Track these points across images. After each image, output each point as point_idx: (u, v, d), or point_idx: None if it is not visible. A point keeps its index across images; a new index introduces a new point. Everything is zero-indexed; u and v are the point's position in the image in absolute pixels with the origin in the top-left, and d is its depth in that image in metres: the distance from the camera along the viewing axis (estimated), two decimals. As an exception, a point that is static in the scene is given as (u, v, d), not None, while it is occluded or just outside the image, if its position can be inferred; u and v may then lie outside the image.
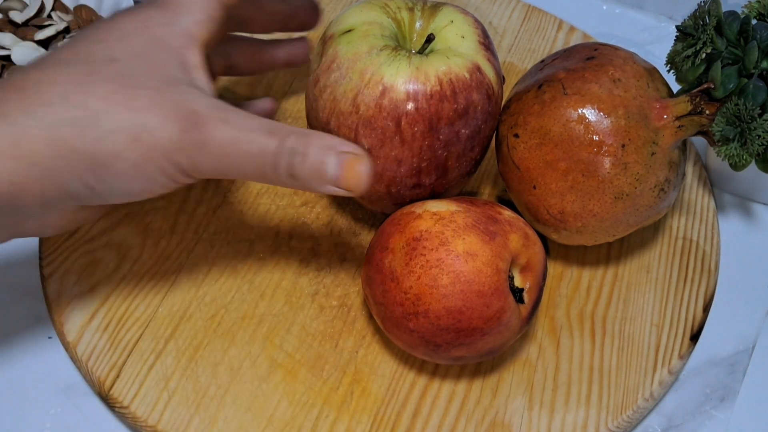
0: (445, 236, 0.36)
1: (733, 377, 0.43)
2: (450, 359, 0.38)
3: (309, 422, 0.39)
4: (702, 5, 0.44)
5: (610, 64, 0.39)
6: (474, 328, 0.36)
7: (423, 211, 0.38)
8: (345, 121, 0.38)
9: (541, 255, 0.38)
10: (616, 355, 0.42)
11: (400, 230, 0.38)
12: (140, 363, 0.40)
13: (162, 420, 0.39)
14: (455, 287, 0.35)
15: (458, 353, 0.37)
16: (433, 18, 0.41)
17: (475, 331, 0.36)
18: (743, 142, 0.43)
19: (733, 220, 0.50)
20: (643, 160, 0.38)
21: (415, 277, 0.36)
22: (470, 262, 0.36)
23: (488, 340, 0.37)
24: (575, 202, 0.39)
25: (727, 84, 0.43)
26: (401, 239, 0.37)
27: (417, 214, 0.38)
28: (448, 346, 0.37)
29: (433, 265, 0.36)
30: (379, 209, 0.43)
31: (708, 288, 0.45)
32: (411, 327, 0.36)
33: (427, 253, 0.36)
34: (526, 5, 0.60)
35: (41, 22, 0.54)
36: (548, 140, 0.39)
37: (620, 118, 0.38)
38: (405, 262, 0.37)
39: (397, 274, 0.37)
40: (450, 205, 0.38)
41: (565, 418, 0.39)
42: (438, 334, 0.36)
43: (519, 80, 0.44)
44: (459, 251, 0.36)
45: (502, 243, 0.36)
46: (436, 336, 0.36)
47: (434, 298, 0.36)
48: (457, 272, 0.35)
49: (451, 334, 0.36)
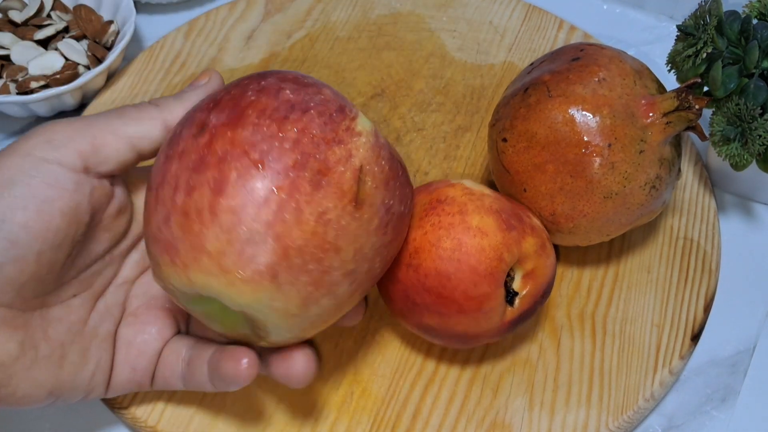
0: (466, 207, 0.37)
1: (734, 377, 0.43)
2: (420, 327, 0.38)
3: (309, 422, 0.39)
4: (703, 5, 0.44)
5: (595, 64, 0.39)
6: (454, 300, 0.36)
7: (457, 183, 0.38)
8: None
9: (549, 270, 0.38)
10: (617, 355, 0.42)
11: (428, 192, 0.38)
12: (140, 363, 0.40)
13: (162, 420, 0.39)
14: (453, 253, 0.35)
15: (430, 321, 0.37)
16: None
17: (454, 304, 0.36)
18: (744, 141, 0.43)
19: (733, 220, 0.50)
20: (631, 159, 0.38)
21: (422, 232, 0.36)
22: (477, 237, 0.36)
23: (462, 321, 0.36)
24: (565, 204, 0.39)
25: (727, 84, 0.43)
26: (425, 198, 0.38)
27: (451, 184, 0.38)
28: (424, 309, 0.37)
29: (442, 226, 0.36)
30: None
31: (709, 288, 0.45)
32: (399, 277, 0.37)
33: (442, 216, 0.36)
34: (526, 5, 0.59)
35: (41, 22, 0.54)
36: (535, 143, 0.39)
37: (605, 117, 0.38)
38: (420, 216, 0.37)
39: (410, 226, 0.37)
40: (485, 189, 0.38)
41: (566, 419, 0.39)
42: (420, 292, 0.36)
43: (509, 84, 0.44)
44: (471, 224, 0.36)
45: (516, 238, 0.36)
46: (417, 294, 0.36)
47: (430, 256, 0.36)
48: (461, 241, 0.36)
49: (431, 296, 0.36)
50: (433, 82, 0.54)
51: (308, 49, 0.56)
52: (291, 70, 0.33)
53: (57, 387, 0.33)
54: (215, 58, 0.56)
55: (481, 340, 0.38)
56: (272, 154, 0.29)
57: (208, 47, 0.56)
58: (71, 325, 0.34)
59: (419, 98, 0.53)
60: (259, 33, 0.58)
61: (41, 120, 0.54)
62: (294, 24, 0.58)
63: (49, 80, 0.51)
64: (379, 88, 0.54)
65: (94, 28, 0.54)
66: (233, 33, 0.57)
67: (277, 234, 0.29)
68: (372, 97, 0.53)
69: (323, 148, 0.30)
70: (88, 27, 0.54)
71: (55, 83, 0.51)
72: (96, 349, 0.35)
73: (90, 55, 0.53)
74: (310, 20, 0.58)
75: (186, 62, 0.55)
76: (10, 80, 0.52)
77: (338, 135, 0.31)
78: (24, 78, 0.51)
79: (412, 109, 0.53)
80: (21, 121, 0.54)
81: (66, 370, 0.34)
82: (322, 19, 0.58)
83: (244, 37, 0.57)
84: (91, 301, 0.35)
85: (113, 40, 0.54)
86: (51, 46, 0.53)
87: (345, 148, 0.30)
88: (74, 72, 0.52)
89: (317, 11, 0.59)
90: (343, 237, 0.30)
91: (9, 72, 0.52)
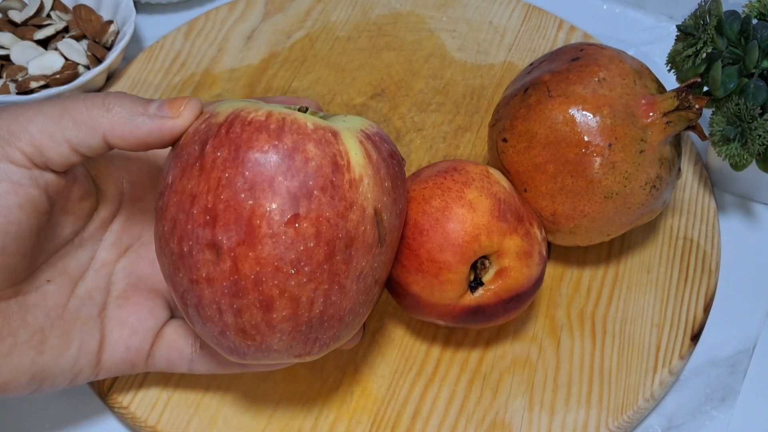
0: (472, 183, 0.37)
1: (733, 377, 0.43)
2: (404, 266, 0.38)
3: (309, 422, 0.39)
4: (702, 5, 0.44)
5: (595, 64, 0.39)
6: (417, 256, 0.36)
7: (483, 166, 0.39)
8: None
9: (523, 279, 0.37)
10: (617, 355, 0.42)
11: (452, 162, 0.39)
12: (140, 363, 0.40)
13: (161, 420, 0.39)
14: (436, 212, 0.36)
15: (394, 270, 0.37)
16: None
17: (416, 259, 0.36)
18: (744, 141, 0.43)
19: (733, 220, 0.50)
20: (632, 158, 0.38)
21: (422, 186, 0.37)
22: (464, 208, 0.36)
23: (419, 281, 0.37)
24: (566, 204, 0.39)
25: (727, 83, 0.43)
26: (447, 165, 0.39)
27: (477, 164, 0.39)
28: (403, 251, 0.37)
29: (441, 188, 0.37)
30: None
31: (709, 288, 0.45)
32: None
33: (447, 179, 0.37)
34: (526, 5, 0.59)
35: (40, 22, 0.54)
36: (535, 143, 0.39)
37: (606, 117, 0.38)
38: (428, 174, 0.38)
39: (417, 176, 0.39)
40: (504, 182, 0.38)
41: (566, 419, 0.39)
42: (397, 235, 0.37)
43: (509, 84, 0.44)
44: (466, 196, 0.37)
45: (502, 230, 0.36)
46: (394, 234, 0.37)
47: (417, 208, 0.37)
48: (448, 204, 0.36)
49: (401, 245, 0.37)
50: (433, 82, 0.54)
51: (308, 49, 0.56)
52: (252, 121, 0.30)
53: (38, 372, 0.33)
54: (215, 58, 0.56)
55: (432, 313, 0.38)
56: (302, 260, 0.30)
57: (207, 47, 0.56)
58: (49, 311, 0.34)
59: (419, 98, 0.53)
60: (259, 33, 0.58)
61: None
62: (294, 24, 0.58)
63: (49, 80, 0.51)
64: (379, 88, 0.54)
65: (93, 28, 0.54)
66: (233, 33, 0.57)
67: (330, 315, 0.31)
68: (372, 97, 0.53)
69: (342, 224, 0.30)
70: (87, 27, 0.54)
71: (54, 83, 0.51)
72: (78, 333, 0.35)
73: (90, 55, 0.53)
74: (310, 20, 0.58)
75: (186, 62, 0.55)
76: (10, 80, 0.52)
77: (346, 198, 0.30)
78: (24, 78, 0.51)
79: (412, 109, 0.53)
80: (21, 121, 0.54)
81: (47, 354, 0.33)
82: (322, 19, 0.58)
83: (244, 37, 0.57)
84: (69, 286, 0.35)
85: (113, 40, 0.54)
86: (51, 46, 0.53)
87: (358, 207, 0.31)
88: (74, 72, 0.52)
89: (317, 11, 0.59)
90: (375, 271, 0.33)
91: (9, 72, 0.52)
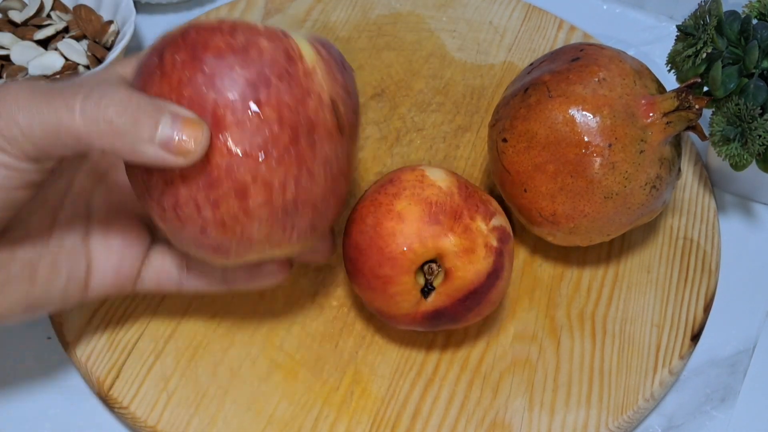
0: (402, 192, 0.38)
1: (733, 378, 0.43)
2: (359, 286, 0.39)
3: (309, 423, 0.39)
4: (702, 5, 0.44)
5: (595, 64, 0.39)
6: (364, 275, 0.37)
7: (419, 169, 0.39)
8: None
9: (470, 275, 0.37)
10: (617, 355, 0.42)
11: (392, 172, 0.40)
12: (140, 363, 0.40)
13: (161, 420, 0.39)
14: (369, 230, 0.37)
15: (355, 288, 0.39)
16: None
17: (364, 278, 0.38)
18: (744, 141, 0.43)
19: (733, 220, 0.50)
20: (632, 158, 0.38)
21: (361, 206, 0.38)
22: (393, 221, 0.37)
23: (375, 298, 0.38)
24: (566, 204, 0.39)
25: (727, 84, 0.43)
26: (384, 179, 0.39)
27: (413, 168, 0.39)
28: (352, 277, 0.39)
29: (373, 203, 0.38)
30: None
31: (709, 288, 0.45)
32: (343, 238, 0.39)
33: (381, 194, 0.38)
34: (526, 5, 0.59)
35: (40, 22, 0.54)
36: (535, 143, 0.39)
37: (606, 117, 0.38)
38: (369, 192, 0.39)
39: (362, 197, 0.40)
40: (445, 179, 0.38)
41: (566, 419, 0.39)
42: (347, 257, 0.39)
43: (509, 84, 0.44)
44: (395, 208, 0.37)
45: (435, 233, 0.36)
46: (346, 260, 0.39)
47: (355, 228, 0.38)
48: (379, 221, 0.37)
49: (351, 265, 0.38)
50: (433, 82, 0.54)
51: (308, 49, 0.56)
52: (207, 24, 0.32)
53: (32, 303, 0.34)
54: (215, 58, 0.56)
55: (399, 323, 0.39)
56: (269, 144, 0.31)
57: (207, 47, 0.56)
58: (35, 243, 0.35)
59: (419, 98, 0.53)
60: (259, 33, 0.57)
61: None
62: (294, 24, 0.58)
63: (49, 80, 0.51)
64: (379, 88, 0.54)
65: (93, 28, 0.54)
66: (233, 33, 0.57)
67: (303, 201, 0.32)
68: (372, 97, 0.53)
69: (302, 111, 0.31)
70: (87, 27, 0.54)
71: (54, 83, 0.51)
72: (65, 261, 0.35)
73: (90, 55, 0.53)
74: (310, 20, 0.58)
75: (186, 62, 0.55)
76: (10, 80, 0.52)
77: (302, 86, 0.32)
78: (24, 78, 0.51)
79: (411, 109, 0.53)
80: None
81: (39, 286, 0.34)
82: (322, 19, 0.58)
83: (244, 37, 0.57)
84: (49, 216, 0.36)
85: (113, 40, 0.54)
86: (51, 46, 0.53)
87: (315, 95, 0.32)
88: (74, 72, 0.52)
89: (317, 11, 0.59)
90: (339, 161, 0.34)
91: (9, 72, 0.52)
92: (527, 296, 0.44)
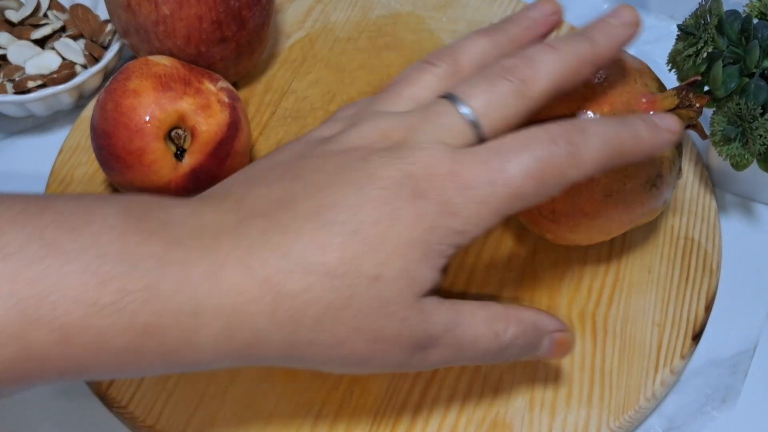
0: (132, 74, 0.42)
1: (734, 378, 0.43)
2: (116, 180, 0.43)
3: (309, 422, 0.39)
4: (703, 4, 0.44)
5: None
6: (118, 156, 0.41)
7: (145, 58, 0.43)
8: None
9: (212, 128, 0.42)
10: (618, 355, 0.42)
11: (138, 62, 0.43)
12: (138, 363, 0.40)
13: (161, 420, 0.38)
14: (111, 114, 0.41)
15: (115, 178, 0.43)
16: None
17: (120, 159, 0.41)
18: (745, 141, 0.42)
19: (734, 220, 0.49)
20: None
21: (102, 97, 0.42)
22: (131, 98, 0.41)
23: (136, 176, 0.41)
24: (565, 202, 0.39)
25: (728, 83, 0.43)
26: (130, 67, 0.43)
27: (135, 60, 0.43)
28: (109, 167, 0.42)
29: (108, 91, 0.42)
30: None
31: (710, 288, 0.45)
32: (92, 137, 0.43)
33: (114, 83, 0.42)
34: (526, 5, 0.59)
35: (37, 21, 0.54)
36: None
37: (606, 115, 0.38)
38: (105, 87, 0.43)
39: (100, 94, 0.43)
40: (168, 60, 0.43)
41: (567, 419, 0.39)
42: (97, 149, 0.42)
43: None
44: (129, 87, 0.41)
45: (171, 98, 0.41)
46: (97, 152, 0.42)
47: (101, 116, 0.41)
48: (118, 102, 0.41)
49: (104, 155, 0.42)
50: (432, 82, 0.54)
51: (308, 49, 0.56)
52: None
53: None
54: (214, 58, 0.55)
55: (166, 192, 0.42)
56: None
57: (206, 47, 0.56)
58: None
59: (419, 98, 0.53)
60: (258, 33, 0.57)
61: (39, 119, 0.53)
62: (294, 24, 0.58)
63: (46, 80, 0.51)
64: (379, 88, 0.54)
65: (90, 28, 0.54)
66: (232, 33, 0.57)
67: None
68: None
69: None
70: (84, 26, 0.54)
71: (52, 83, 0.51)
72: None
73: (87, 55, 0.53)
74: (310, 20, 0.58)
75: (184, 62, 0.55)
76: (7, 80, 0.51)
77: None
78: (21, 77, 0.51)
79: (411, 109, 0.53)
80: (18, 120, 0.54)
81: None
82: (322, 20, 0.58)
83: (243, 37, 0.57)
84: None
85: (110, 39, 0.54)
86: (48, 46, 0.53)
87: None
88: (71, 71, 0.51)
89: (317, 11, 0.59)
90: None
91: (6, 72, 0.52)
92: (527, 296, 0.44)
